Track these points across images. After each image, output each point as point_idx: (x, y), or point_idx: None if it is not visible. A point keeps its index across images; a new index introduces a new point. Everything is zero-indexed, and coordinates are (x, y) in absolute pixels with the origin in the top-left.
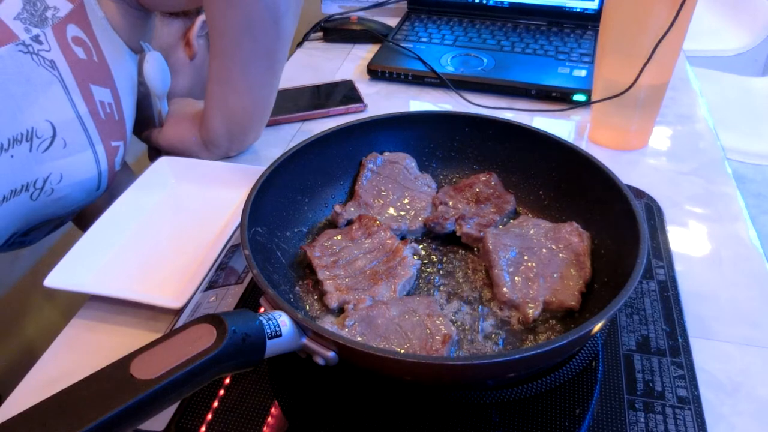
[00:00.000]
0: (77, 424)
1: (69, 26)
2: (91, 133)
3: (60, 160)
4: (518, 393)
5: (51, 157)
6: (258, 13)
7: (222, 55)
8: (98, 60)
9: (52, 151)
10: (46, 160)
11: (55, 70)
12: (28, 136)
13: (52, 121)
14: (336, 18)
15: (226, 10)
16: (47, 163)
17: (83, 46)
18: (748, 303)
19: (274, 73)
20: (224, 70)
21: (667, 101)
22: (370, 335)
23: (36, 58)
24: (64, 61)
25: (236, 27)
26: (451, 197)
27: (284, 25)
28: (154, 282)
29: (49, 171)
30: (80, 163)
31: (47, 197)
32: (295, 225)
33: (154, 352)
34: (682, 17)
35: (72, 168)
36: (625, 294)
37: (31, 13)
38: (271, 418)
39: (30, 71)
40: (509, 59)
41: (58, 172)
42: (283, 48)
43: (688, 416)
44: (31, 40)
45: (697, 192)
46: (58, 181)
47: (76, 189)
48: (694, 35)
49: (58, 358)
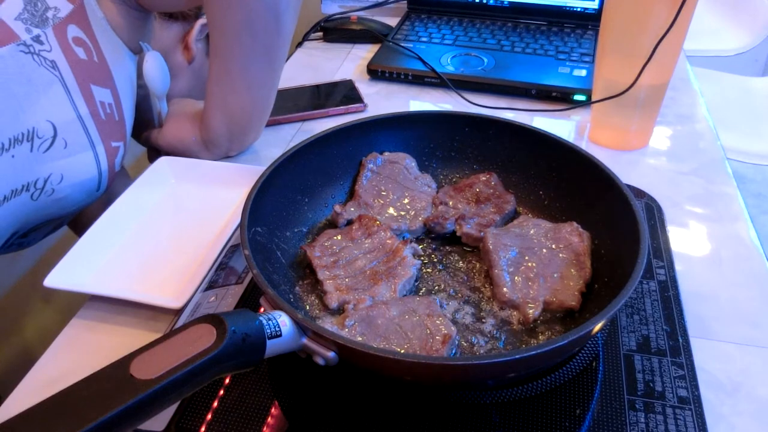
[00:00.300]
0: (77, 424)
1: (69, 26)
2: (92, 134)
3: (61, 160)
4: (518, 393)
5: (52, 157)
6: (258, 12)
7: (222, 54)
8: (98, 60)
9: (52, 152)
10: (47, 160)
11: (56, 71)
12: (29, 136)
13: (53, 121)
14: (336, 18)
15: (227, 8)
16: (48, 163)
17: (84, 47)
18: (749, 303)
19: (273, 72)
20: (224, 69)
21: (667, 101)
22: (370, 335)
23: (37, 58)
24: (65, 61)
25: (236, 26)
26: (451, 197)
27: (284, 24)
28: (154, 282)
29: (49, 171)
30: (81, 163)
31: (48, 197)
32: (295, 225)
33: (154, 352)
34: (682, 17)
35: (72, 168)
36: (626, 294)
37: (32, 13)
38: (271, 418)
39: (31, 71)
40: (509, 59)
41: (59, 173)
42: (282, 47)
43: (689, 416)
44: (32, 40)
45: (697, 192)
46: (58, 182)
47: (77, 189)
48: (694, 35)
49: (58, 358)
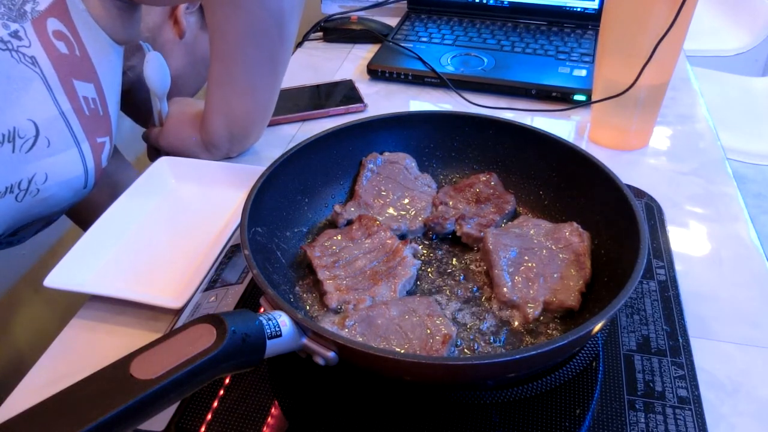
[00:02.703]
0: (77, 424)
1: (49, 20)
2: (76, 131)
3: (44, 159)
4: (518, 393)
5: (35, 157)
6: (263, 19)
7: (224, 58)
8: (80, 54)
9: (35, 151)
10: (30, 160)
11: (36, 67)
12: (10, 137)
13: (34, 119)
14: (336, 18)
15: (231, 14)
16: (31, 163)
17: (65, 41)
18: (749, 303)
19: (276, 76)
20: (226, 73)
21: (667, 101)
22: (370, 335)
23: (16, 54)
24: (46, 56)
25: (240, 31)
26: (451, 197)
27: (288, 31)
28: (154, 282)
29: (33, 171)
30: (65, 161)
31: (33, 198)
32: (295, 225)
33: (154, 352)
34: (682, 17)
35: (57, 167)
36: (626, 294)
37: (9, 7)
38: (271, 418)
39: (10, 69)
40: (509, 59)
41: (43, 172)
42: (286, 52)
43: (689, 416)
44: (9, 36)
45: (697, 192)
46: (43, 182)
47: (63, 188)
48: (694, 35)
49: (58, 358)
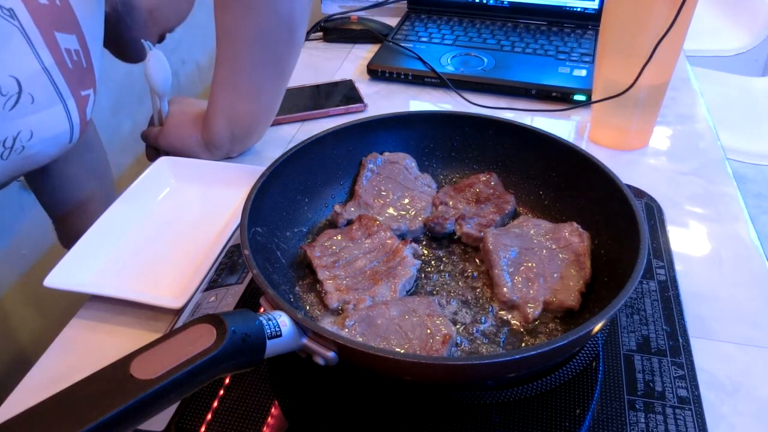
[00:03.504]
0: (77, 424)
1: None
2: (60, 86)
3: (29, 116)
4: (518, 393)
5: (19, 114)
6: (274, 23)
7: (231, 60)
8: (61, 4)
9: (19, 108)
10: (14, 117)
11: (15, 20)
12: None
13: (16, 76)
14: (336, 18)
15: (240, 19)
16: (15, 120)
17: None
18: (749, 303)
19: (283, 80)
20: (232, 75)
21: (667, 101)
22: (370, 335)
23: None
24: (24, 8)
25: (250, 35)
26: (451, 197)
27: (298, 35)
28: (154, 282)
29: (18, 129)
30: (51, 117)
31: (18, 155)
32: (295, 225)
33: (154, 352)
34: (682, 17)
35: (42, 124)
36: (626, 294)
37: None
38: (271, 418)
39: None
40: (509, 59)
41: (28, 129)
42: (294, 56)
43: (689, 416)
44: None
45: (697, 192)
46: (28, 139)
47: (48, 145)
48: (694, 35)
49: (58, 358)
